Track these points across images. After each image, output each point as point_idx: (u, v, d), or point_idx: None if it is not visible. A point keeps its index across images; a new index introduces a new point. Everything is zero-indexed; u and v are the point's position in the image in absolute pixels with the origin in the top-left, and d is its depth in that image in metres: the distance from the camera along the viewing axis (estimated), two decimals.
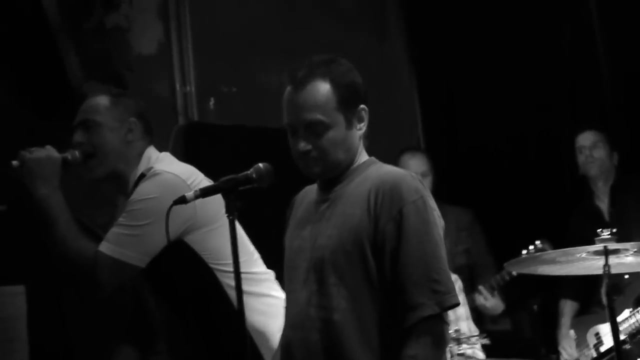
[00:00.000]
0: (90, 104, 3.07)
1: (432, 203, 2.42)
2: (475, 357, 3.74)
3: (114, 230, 2.91)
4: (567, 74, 5.34)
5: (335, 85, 2.43)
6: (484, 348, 4.01)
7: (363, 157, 2.53)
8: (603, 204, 4.77)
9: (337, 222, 2.43)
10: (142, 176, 2.98)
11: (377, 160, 2.55)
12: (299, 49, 5.10)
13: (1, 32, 4.41)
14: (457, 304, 2.38)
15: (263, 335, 2.91)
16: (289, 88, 2.47)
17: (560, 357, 4.64)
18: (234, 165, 2.60)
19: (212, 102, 5.07)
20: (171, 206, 2.47)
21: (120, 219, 2.93)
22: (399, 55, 5.95)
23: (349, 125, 2.46)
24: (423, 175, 4.66)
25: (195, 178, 2.95)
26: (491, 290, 4.71)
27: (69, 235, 2.88)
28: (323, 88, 2.43)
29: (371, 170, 2.49)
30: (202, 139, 4.78)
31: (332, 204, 2.47)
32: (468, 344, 3.68)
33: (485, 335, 3.82)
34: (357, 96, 2.48)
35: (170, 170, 2.95)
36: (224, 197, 2.42)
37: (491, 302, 4.72)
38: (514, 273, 4.47)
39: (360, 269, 2.37)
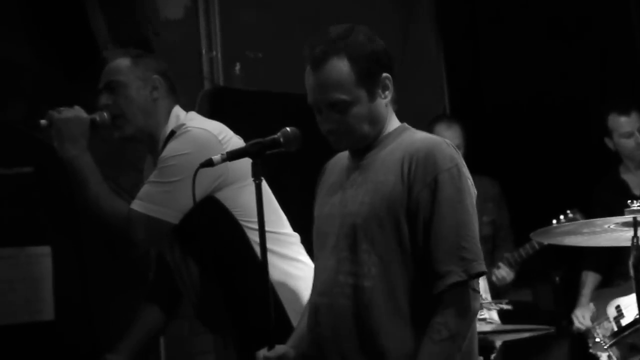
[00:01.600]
0: (111, 67, 3.05)
1: (466, 171, 2.42)
2: (493, 320, 3.75)
3: (146, 187, 2.91)
4: (599, 43, 5.28)
5: (353, 60, 2.41)
6: (506, 314, 4.01)
7: (394, 123, 2.52)
8: (632, 176, 4.73)
9: (369, 188, 2.42)
10: (172, 133, 2.97)
11: (409, 127, 2.54)
12: (324, 15, 5.07)
13: None
14: (485, 272, 2.37)
15: (291, 298, 2.90)
16: (308, 67, 2.46)
17: (572, 325, 4.62)
18: (259, 131, 2.60)
19: (238, 67, 5.05)
20: (198, 169, 2.50)
21: (152, 177, 2.92)
22: (426, 27, 5.90)
23: (372, 97, 2.44)
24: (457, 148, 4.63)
25: (225, 134, 2.95)
26: (510, 267, 4.73)
27: (101, 196, 2.88)
28: (341, 65, 2.41)
29: (404, 137, 2.47)
30: (228, 104, 4.77)
31: (364, 171, 2.46)
32: (488, 309, 3.71)
33: (507, 301, 3.82)
34: (378, 66, 2.45)
35: (200, 126, 2.95)
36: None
37: (509, 275, 4.74)
38: (545, 242, 4.43)
39: (392, 236, 2.37)
